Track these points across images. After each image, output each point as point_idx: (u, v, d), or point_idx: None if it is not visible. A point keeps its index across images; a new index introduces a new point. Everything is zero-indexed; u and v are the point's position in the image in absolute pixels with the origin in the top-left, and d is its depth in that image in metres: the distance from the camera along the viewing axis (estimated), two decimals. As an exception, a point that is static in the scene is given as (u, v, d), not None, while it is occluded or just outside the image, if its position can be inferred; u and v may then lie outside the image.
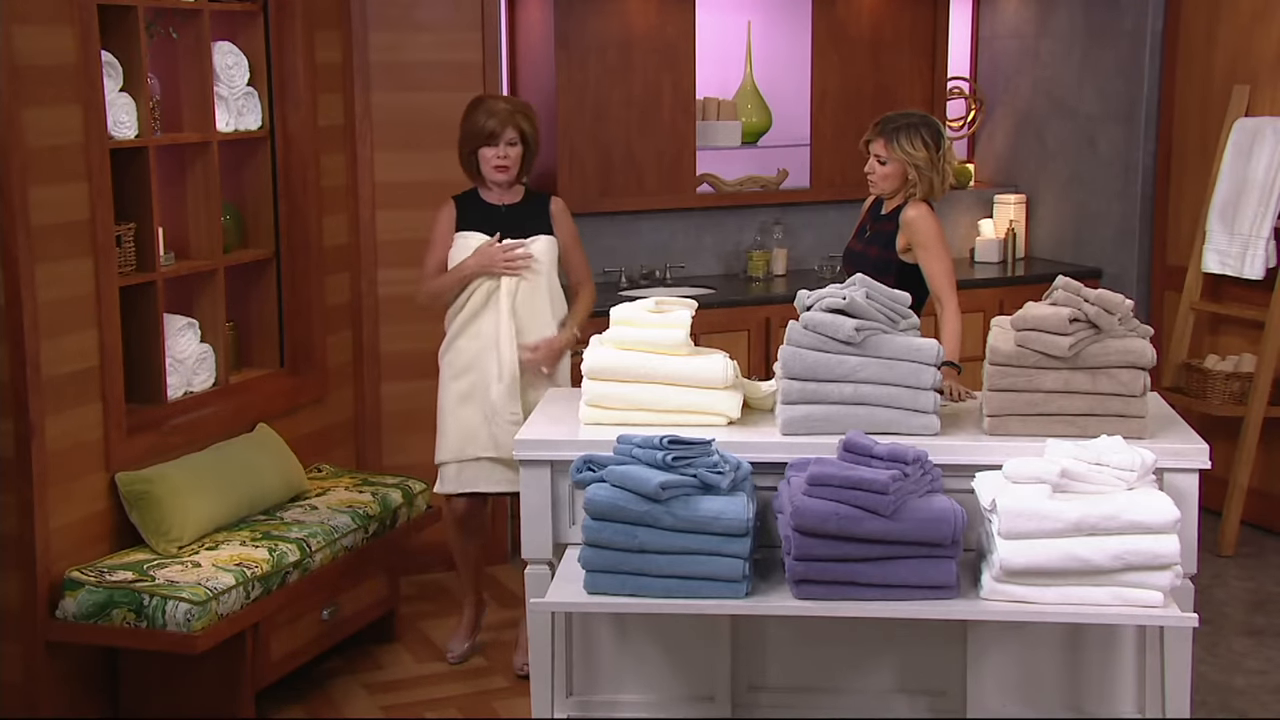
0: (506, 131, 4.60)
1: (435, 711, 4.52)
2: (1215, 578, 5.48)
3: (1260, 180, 5.77)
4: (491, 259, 4.58)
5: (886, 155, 4.36)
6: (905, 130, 4.35)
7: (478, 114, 4.64)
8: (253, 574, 4.17)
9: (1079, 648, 3.72)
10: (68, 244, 4.15)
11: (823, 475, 3.28)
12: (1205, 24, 6.16)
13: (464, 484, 4.68)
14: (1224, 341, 6.12)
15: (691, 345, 3.76)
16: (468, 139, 4.66)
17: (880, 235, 4.43)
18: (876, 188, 4.43)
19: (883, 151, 4.37)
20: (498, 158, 4.61)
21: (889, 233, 4.40)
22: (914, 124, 4.37)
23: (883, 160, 4.37)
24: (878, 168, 4.39)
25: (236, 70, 4.91)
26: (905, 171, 4.36)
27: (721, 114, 6.53)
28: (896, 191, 4.41)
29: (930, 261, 4.33)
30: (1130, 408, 3.53)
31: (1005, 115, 7.16)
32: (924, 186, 4.36)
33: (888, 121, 4.39)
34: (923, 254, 4.34)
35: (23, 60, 3.97)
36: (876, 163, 4.39)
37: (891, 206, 4.44)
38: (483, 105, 4.66)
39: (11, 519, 4.07)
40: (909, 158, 4.33)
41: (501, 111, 4.61)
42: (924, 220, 4.33)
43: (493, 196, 4.71)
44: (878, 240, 4.43)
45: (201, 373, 4.81)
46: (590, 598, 3.38)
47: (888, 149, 4.35)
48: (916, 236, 4.33)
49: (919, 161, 4.33)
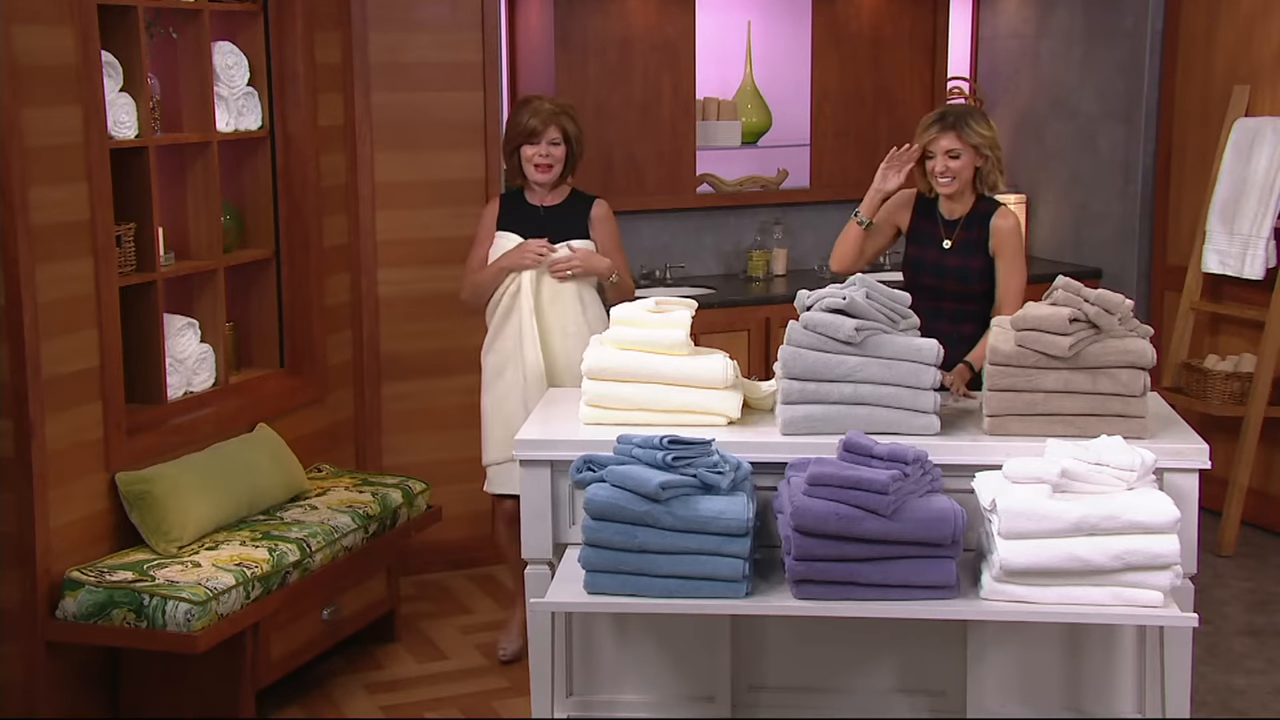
0: (549, 130, 4.59)
1: (435, 711, 4.52)
2: (1215, 578, 5.48)
3: (1260, 180, 5.77)
4: (523, 253, 4.58)
5: (959, 147, 4.20)
6: (969, 115, 4.24)
7: (522, 113, 4.64)
8: (253, 574, 4.17)
9: (1079, 648, 3.72)
10: (68, 244, 4.15)
11: (823, 475, 3.28)
12: (1205, 24, 6.16)
13: (512, 485, 4.68)
14: (1224, 341, 6.12)
15: (691, 345, 3.76)
16: (511, 138, 4.67)
17: (972, 244, 4.29)
18: (954, 185, 4.24)
19: (955, 144, 4.20)
20: (539, 156, 4.60)
21: (982, 240, 4.29)
22: (971, 110, 4.28)
23: (956, 154, 4.21)
24: (951, 164, 4.22)
25: (236, 70, 4.91)
26: (975, 162, 4.23)
27: (721, 114, 6.53)
28: (967, 186, 4.28)
29: (1015, 274, 4.27)
30: (1130, 408, 3.53)
31: (1005, 115, 7.16)
32: (995, 172, 4.24)
33: (944, 116, 4.26)
34: (1009, 264, 4.27)
35: (23, 60, 3.97)
36: (949, 160, 4.21)
37: (959, 212, 4.31)
38: (528, 104, 4.67)
39: (11, 519, 4.07)
40: (984, 140, 4.20)
41: (545, 110, 4.61)
42: (1018, 231, 4.28)
43: (535, 197, 4.71)
44: (975, 250, 4.29)
45: (201, 373, 4.81)
46: (590, 598, 3.38)
47: (960, 139, 4.20)
48: (1008, 247, 4.26)
49: (990, 142, 4.22)
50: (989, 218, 4.30)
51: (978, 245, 4.30)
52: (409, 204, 5.47)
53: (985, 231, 4.30)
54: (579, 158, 4.71)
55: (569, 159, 4.67)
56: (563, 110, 4.65)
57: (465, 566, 5.67)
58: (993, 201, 4.34)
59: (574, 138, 4.65)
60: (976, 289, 4.31)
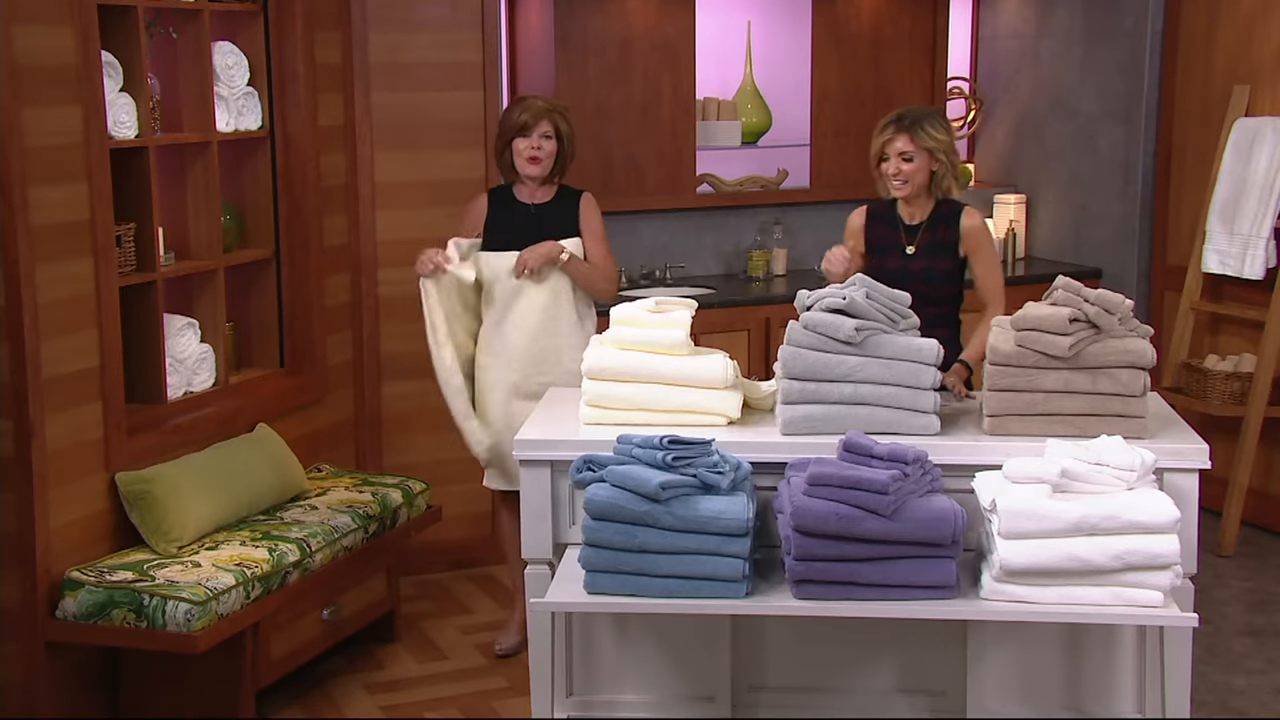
0: (540, 124, 4.61)
1: (435, 711, 4.52)
2: (1215, 578, 5.48)
3: (1260, 180, 5.77)
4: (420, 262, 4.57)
5: (913, 149, 4.22)
6: (924, 119, 4.25)
7: (514, 109, 4.68)
8: (253, 574, 4.17)
9: (1079, 648, 3.72)
10: (68, 244, 4.15)
11: (823, 475, 3.29)
12: (1205, 24, 6.16)
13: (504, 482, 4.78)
14: (1224, 341, 6.12)
15: (691, 345, 3.76)
16: (503, 133, 4.68)
17: (940, 246, 4.31)
18: (907, 188, 4.26)
19: (908, 146, 4.22)
20: (531, 148, 4.61)
21: (949, 242, 4.31)
22: (928, 112, 4.30)
23: (909, 156, 4.22)
24: (904, 166, 4.23)
25: (236, 70, 4.91)
26: (930, 165, 4.25)
27: (721, 114, 6.53)
28: (922, 190, 4.30)
29: (993, 271, 4.33)
30: (1130, 408, 3.53)
31: (1005, 115, 7.16)
32: (949, 176, 4.27)
33: (901, 117, 4.27)
34: (985, 263, 4.32)
35: (23, 60, 3.97)
36: (902, 162, 4.23)
37: (919, 216, 4.33)
38: (520, 102, 4.70)
39: (11, 519, 4.07)
40: (937, 144, 4.22)
41: (537, 107, 4.64)
42: (987, 229, 4.34)
43: (525, 194, 4.72)
44: (942, 252, 4.32)
45: (201, 373, 4.81)
46: (590, 598, 3.38)
47: (913, 142, 4.21)
48: (981, 246, 4.30)
49: (945, 147, 4.24)
50: (955, 219, 4.31)
51: (944, 248, 4.32)
52: (409, 204, 5.47)
53: (952, 233, 4.31)
54: (570, 158, 4.72)
55: (559, 157, 4.67)
56: (555, 108, 4.67)
57: (465, 566, 5.67)
58: (955, 203, 4.35)
59: (565, 136, 4.67)
60: (943, 292, 4.31)
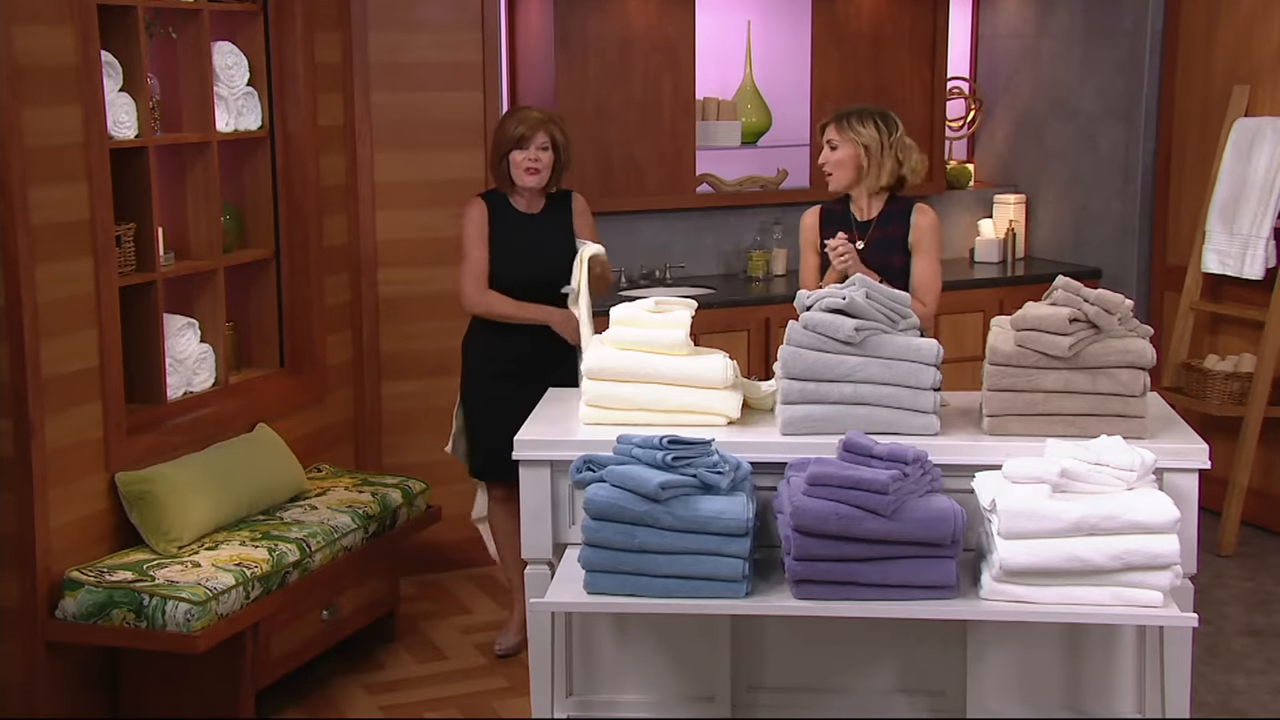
0: (537, 136, 4.62)
1: (435, 711, 4.52)
2: (1215, 578, 5.48)
3: (1260, 180, 5.77)
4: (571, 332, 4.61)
5: (838, 139, 4.33)
6: (855, 115, 4.34)
7: (509, 121, 4.68)
8: (253, 574, 4.17)
9: (1079, 648, 3.71)
10: (68, 244, 4.15)
11: (823, 475, 3.28)
12: (1205, 24, 6.16)
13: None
14: (1224, 341, 6.12)
15: (691, 345, 3.76)
16: (499, 145, 4.68)
17: (889, 241, 4.37)
18: (833, 179, 4.37)
19: (833, 134, 4.34)
20: (529, 160, 4.62)
21: (900, 237, 4.36)
22: (866, 110, 4.38)
23: (834, 145, 4.34)
24: (830, 155, 4.35)
25: (236, 70, 4.91)
26: (858, 158, 4.32)
27: (721, 114, 6.53)
28: (853, 183, 4.36)
29: (930, 265, 4.36)
30: (1130, 408, 3.52)
31: (1005, 115, 7.16)
32: (875, 172, 4.32)
33: (841, 111, 4.38)
34: (925, 256, 4.35)
35: (23, 60, 3.97)
36: (828, 149, 4.35)
37: (870, 212, 4.39)
38: (515, 113, 4.71)
39: (11, 519, 4.07)
40: (858, 137, 4.30)
41: (532, 118, 4.64)
42: (937, 228, 4.38)
43: (521, 203, 4.73)
44: (893, 247, 4.37)
45: (201, 373, 4.81)
46: (590, 598, 3.38)
47: (838, 132, 4.32)
48: (925, 241, 4.35)
49: (868, 141, 4.30)
50: (907, 214, 4.39)
51: (895, 242, 4.37)
52: (409, 204, 5.47)
53: (903, 228, 4.37)
54: (566, 167, 4.73)
55: (556, 167, 4.68)
56: (550, 119, 4.68)
57: (465, 566, 5.67)
58: (908, 199, 4.42)
59: (561, 146, 4.67)
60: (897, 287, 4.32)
